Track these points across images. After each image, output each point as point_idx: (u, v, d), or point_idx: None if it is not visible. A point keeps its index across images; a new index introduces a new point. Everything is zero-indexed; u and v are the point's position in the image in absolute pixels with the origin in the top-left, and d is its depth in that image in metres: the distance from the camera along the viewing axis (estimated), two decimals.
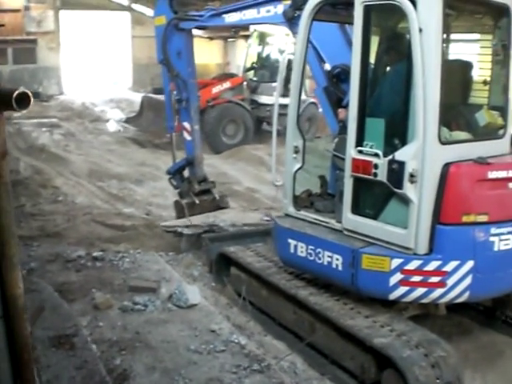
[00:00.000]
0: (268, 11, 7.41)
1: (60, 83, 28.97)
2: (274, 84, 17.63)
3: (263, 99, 18.21)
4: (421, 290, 5.35)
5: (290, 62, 8.21)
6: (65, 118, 21.43)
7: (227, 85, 17.98)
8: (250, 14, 7.80)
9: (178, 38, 9.08)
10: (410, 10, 5.03)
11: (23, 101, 2.14)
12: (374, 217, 5.59)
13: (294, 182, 6.40)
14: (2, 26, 24.00)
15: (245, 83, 18.42)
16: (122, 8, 31.51)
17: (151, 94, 23.25)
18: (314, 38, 6.55)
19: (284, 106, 6.77)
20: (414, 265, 5.29)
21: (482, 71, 6.22)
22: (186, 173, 9.74)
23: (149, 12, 31.12)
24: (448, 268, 5.26)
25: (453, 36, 6.19)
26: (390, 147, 5.38)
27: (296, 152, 6.31)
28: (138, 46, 31.35)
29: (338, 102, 6.84)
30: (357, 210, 5.71)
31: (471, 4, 5.97)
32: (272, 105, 18.02)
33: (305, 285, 6.30)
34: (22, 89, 2.13)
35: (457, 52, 6.49)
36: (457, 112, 6.02)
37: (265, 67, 18.97)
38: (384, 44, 6.00)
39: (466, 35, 6.92)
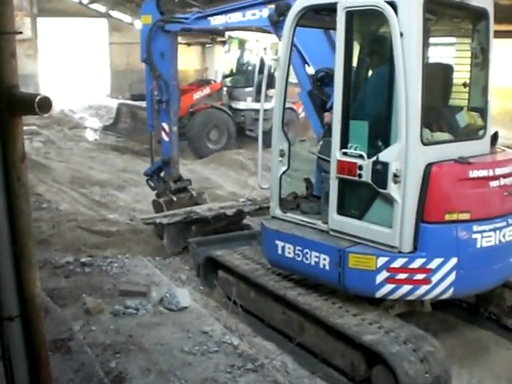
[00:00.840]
0: (253, 14, 7.54)
1: (38, 90, 28.81)
2: (247, 89, 18.21)
3: (238, 105, 18.32)
4: (406, 288, 5.47)
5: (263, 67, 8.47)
6: (44, 125, 21.30)
7: (207, 91, 17.95)
8: (235, 17, 7.90)
9: (163, 39, 9.13)
10: (391, 14, 5.16)
11: (44, 105, 2.24)
12: (360, 217, 5.71)
13: (280, 185, 6.51)
14: None
15: (224, 89, 18.45)
16: (99, 15, 31.51)
17: (127, 101, 23.30)
18: (298, 42, 6.66)
19: (257, 111, 6.88)
20: (399, 263, 5.42)
21: (461, 74, 6.36)
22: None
23: (126, 18, 31.18)
24: (432, 265, 5.39)
25: (433, 40, 6.33)
26: (373, 149, 5.50)
27: (282, 155, 6.43)
28: (116, 53, 31.40)
29: (321, 105, 6.94)
30: (342, 210, 5.83)
31: (451, 8, 6.10)
32: (246, 110, 18.06)
33: (293, 285, 6.39)
34: (42, 94, 2.23)
35: (437, 55, 6.63)
36: (438, 113, 6.16)
37: (239, 73, 19.04)
38: (366, 48, 6.12)
39: (446, 39, 7.06)
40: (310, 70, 7.21)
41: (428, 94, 5.36)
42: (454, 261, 5.41)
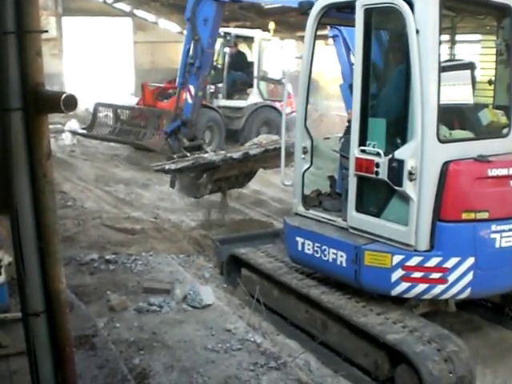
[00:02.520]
0: None
1: (63, 89, 29.05)
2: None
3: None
4: (422, 286, 5.45)
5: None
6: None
7: None
8: None
9: (210, 5, 9.27)
10: (407, 11, 5.16)
11: (70, 103, 2.27)
12: (377, 214, 5.72)
13: (303, 182, 6.55)
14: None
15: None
16: (124, 14, 31.67)
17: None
18: (346, 33, 6.67)
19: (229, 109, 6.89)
20: (414, 261, 5.41)
21: (485, 71, 6.33)
22: None
23: (150, 18, 31.32)
24: (448, 264, 5.36)
25: (458, 37, 6.30)
26: (390, 146, 5.51)
27: (304, 153, 6.46)
28: (140, 52, 31.53)
29: None
30: (361, 207, 5.85)
31: (471, 5, 6.07)
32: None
33: (316, 284, 6.40)
34: (68, 92, 2.26)
35: (462, 52, 6.60)
36: (459, 111, 6.13)
37: (214, 69, 17.97)
38: (384, 46, 6.15)
39: (471, 36, 7.02)
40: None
41: (448, 91, 5.34)
42: (471, 260, 5.37)
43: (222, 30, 17.21)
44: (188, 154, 9.60)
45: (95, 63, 30.58)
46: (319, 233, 6.18)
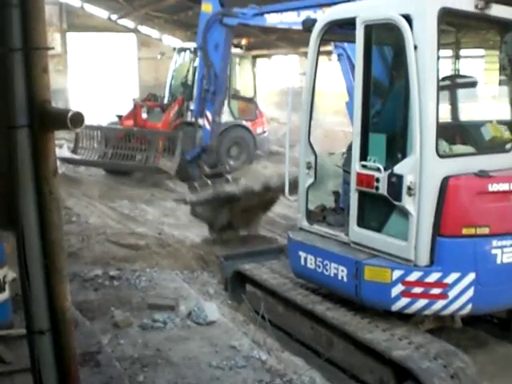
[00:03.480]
0: (308, 16, 7.60)
1: (68, 105, 29.17)
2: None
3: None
4: (423, 302, 5.43)
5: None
6: (73, 139, 21.52)
7: (176, 107, 16.67)
8: (290, 17, 8.08)
9: (219, 31, 9.40)
10: (405, 27, 5.19)
11: (77, 121, 2.27)
12: (378, 229, 5.71)
13: (307, 197, 6.55)
14: None
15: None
16: (128, 30, 31.83)
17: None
18: (350, 51, 6.70)
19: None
20: (414, 276, 5.38)
21: (488, 85, 6.33)
22: None
23: (154, 34, 31.47)
24: (449, 280, 5.33)
25: (462, 52, 6.32)
26: (390, 161, 5.51)
27: (308, 168, 6.47)
28: (144, 68, 31.64)
29: None
30: (362, 222, 5.84)
31: (472, 20, 6.07)
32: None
33: (321, 300, 6.36)
34: (75, 109, 2.26)
35: (465, 67, 6.61)
36: (460, 126, 6.12)
37: (186, 86, 17.00)
38: (384, 62, 6.17)
39: (474, 51, 7.04)
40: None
41: (450, 107, 5.35)
42: (471, 276, 5.34)
43: (191, 45, 17.11)
44: (209, 182, 9.73)
45: (99, 79, 30.71)
46: (321, 247, 6.18)
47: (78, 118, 2.26)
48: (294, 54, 30.17)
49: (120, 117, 17.71)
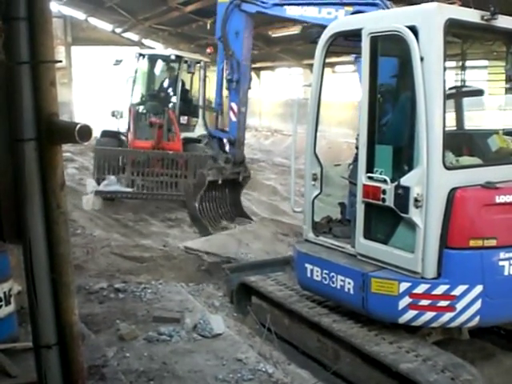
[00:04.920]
0: (329, 13, 7.68)
1: (72, 118, 29.27)
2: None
3: None
4: (430, 314, 5.40)
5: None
6: (78, 152, 21.64)
7: (176, 123, 14.89)
8: (310, 12, 8.04)
9: (239, 18, 9.33)
10: (411, 39, 5.19)
11: (84, 134, 2.26)
12: (384, 241, 5.70)
13: (313, 209, 6.54)
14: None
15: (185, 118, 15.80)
16: (132, 43, 31.95)
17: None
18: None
19: None
20: (421, 289, 5.36)
21: (494, 97, 6.32)
22: None
23: (159, 47, 31.57)
24: (456, 292, 5.31)
25: (468, 63, 6.30)
26: (397, 173, 5.51)
27: (314, 179, 6.46)
28: None
29: None
30: (368, 234, 5.83)
31: (478, 31, 6.06)
32: None
33: (328, 312, 6.34)
34: (83, 123, 2.25)
35: (471, 79, 6.60)
36: (467, 137, 6.11)
37: (154, 98, 15.84)
38: (390, 73, 6.15)
39: (480, 62, 7.03)
40: None
41: (456, 118, 5.33)
42: (479, 288, 5.31)
43: (171, 52, 16.33)
44: (220, 181, 9.92)
45: (104, 91, 30.78)
46: (327, 259, 6.16)
47: (85, 131, 2.26)
48: (297, 67, 30.24)
49: (109, 133, 15.50)
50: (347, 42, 6.62)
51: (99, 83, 30.57)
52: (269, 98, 34.05)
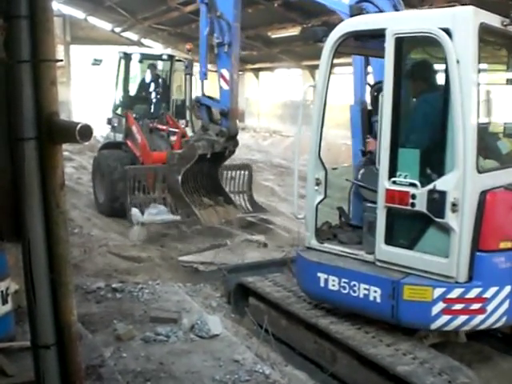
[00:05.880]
0: None
1: (71, 117, 29.22)
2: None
3: None
4: (462, 318, 5.39)
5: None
6: (76, 151, 21.63)
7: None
8: None
9: None
10: (447, 41, 5.13)
11: (85, 133, 2.25)
12: (410, 247, 5.60)
13: (316, 215, 6.36)
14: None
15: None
16: (131, 43, 31.95)
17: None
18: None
19: None
20: (455, 293, 5.33)
21: (501, 100, 6.32)
22: None
23: (158, 47, 31.61)
24: (488, 294, 5.32)
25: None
26: (426, 177, 5.44)
27: (318, 184, 6.29)
28: None
29: (368, 124, 6.89)
30: (391, 240, 5.71)
31: (495, 36, 6.05)
32: None
33: (325, 314, 6.31)
34: (83, 122, 2.24)
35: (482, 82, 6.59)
36: (485, 141, 6.10)
37: (144, 101, 14.88)
38: (416, 75, 6.04)
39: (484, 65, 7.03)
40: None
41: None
42: (508, 289, 5.36)
43: (163, 51, 15.81)
44: (208, 155, 8.76)
45: (103, 91, 30.78)
46: (346, 268, 5.95)
47: (86, 131, 2.25)
48: (296, 68, 30.26)
49: (110, 144, 14.22)
50: (357, 42, 6.48)
51: (97, 83, 30.56)
52: (268, 98, 34.08)
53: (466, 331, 5.85)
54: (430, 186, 5.31)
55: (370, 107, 7.09)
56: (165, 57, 15.31)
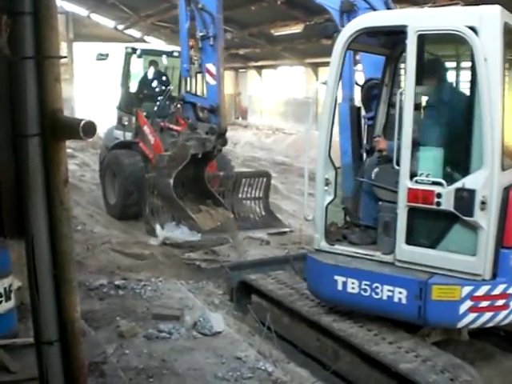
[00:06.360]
0: None
1: (73, 114, 29.24)
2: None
3: None
4: (488, 315, 5.41)
5: None
6: (79, 148, 21.64)
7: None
8: None
9: None
10: (475, 39, 5.13)
11: (88, 130, 2.25)
12: (433, 246, 5.58)
13: (325, 216, 6.20)
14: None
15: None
16: (134, 40, 31.93)
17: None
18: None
19: None
20: (482, 290, 5.34)
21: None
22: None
23: (161, 44, 31.61)
24: (511, 290, 5.37)
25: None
26: (451, 176, 5.45)
27: (327, 184, 6.13)
28: None
29: (358, 122, 6.86)
30: (412, 240, 5.66)
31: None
32: None
33: (327, 311, 6.31)
34: (87, 119, 2.24)
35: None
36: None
37: (151, 98, 14.04)
38: (439, 73, 6.04)
39: None
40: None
41: None
42: None
43: (173, 48, 14.38)
44: (200, 156, 8.40)
45: (106, 88, 30.80)
46: (367, 270, 5.83)
47: (90, 128, 2.25)
48: (299, 65, 30.26)
49: (121, 144, 13.36)
50: (369, 39, 6.37)
51: (100, 80, 30.59)
52: (270, 96, 34.09)
53: (472, 329, 5.87)
54: (458, 185, 5.30)
55: (359, 104, 7.05)
56: (176, 54, 14.15)
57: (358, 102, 7.29)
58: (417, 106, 5.56)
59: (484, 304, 5.36)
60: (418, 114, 5.58)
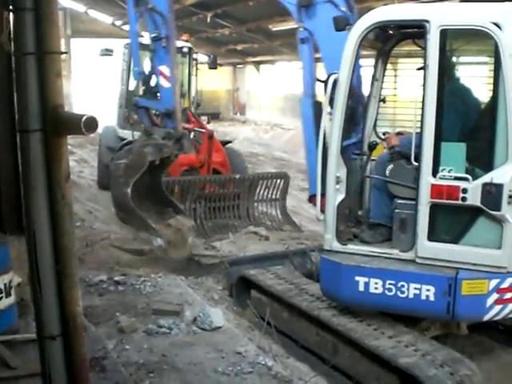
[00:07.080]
0: None
1: (72, 110, 29.16)
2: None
3: None
4: (511, 306, 5.49)
5: None
6: (77, 144, 21.65)
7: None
8: None
9: None
10: (500, 35, 5.16)
11: (90, 125, 2.26)
12: (457, 241, 5.59)
13: (337, 215, 6.07)
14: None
15: None
16: None
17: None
18: (319, 39, 6.54)
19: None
20: (508, 282, 5.41)
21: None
22: None
23: None
24: None
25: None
26: (475, 171, 5.46)
27: (338, 182, 6.02)
28: None
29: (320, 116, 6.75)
30: (435, 236, 5.65)
31: None
32: None
33: (327, 306, 6.32)
34: (89, 114, 2.25)
35: None
36: None
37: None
38: (462, 68, 6.06)
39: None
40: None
41: None
42: None
43: (183, 44, 14.22)
44: (157, 162, 8.07)
45: (103, 84, 30.78)
46: (391, 269, 5.75)
47: (91, 123, 2.26)
48: (298, 61, 30.18)
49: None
50: (384, 33, 6.40)
51: (98, 76, 30.56)
52: (268, 91, 34.07)
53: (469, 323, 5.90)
54: (486, 179, 5.31)
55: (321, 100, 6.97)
56: (185, 49, 14.41)
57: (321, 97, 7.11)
58: (440, 102, 5.50)
59: (508, 295, 5.43)
60: (441, 110, 5.53)
